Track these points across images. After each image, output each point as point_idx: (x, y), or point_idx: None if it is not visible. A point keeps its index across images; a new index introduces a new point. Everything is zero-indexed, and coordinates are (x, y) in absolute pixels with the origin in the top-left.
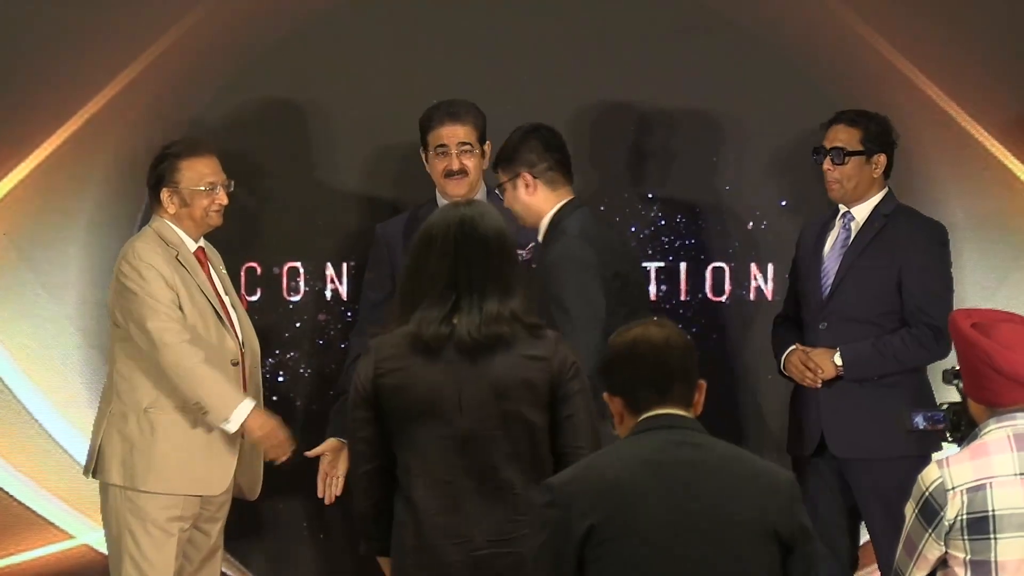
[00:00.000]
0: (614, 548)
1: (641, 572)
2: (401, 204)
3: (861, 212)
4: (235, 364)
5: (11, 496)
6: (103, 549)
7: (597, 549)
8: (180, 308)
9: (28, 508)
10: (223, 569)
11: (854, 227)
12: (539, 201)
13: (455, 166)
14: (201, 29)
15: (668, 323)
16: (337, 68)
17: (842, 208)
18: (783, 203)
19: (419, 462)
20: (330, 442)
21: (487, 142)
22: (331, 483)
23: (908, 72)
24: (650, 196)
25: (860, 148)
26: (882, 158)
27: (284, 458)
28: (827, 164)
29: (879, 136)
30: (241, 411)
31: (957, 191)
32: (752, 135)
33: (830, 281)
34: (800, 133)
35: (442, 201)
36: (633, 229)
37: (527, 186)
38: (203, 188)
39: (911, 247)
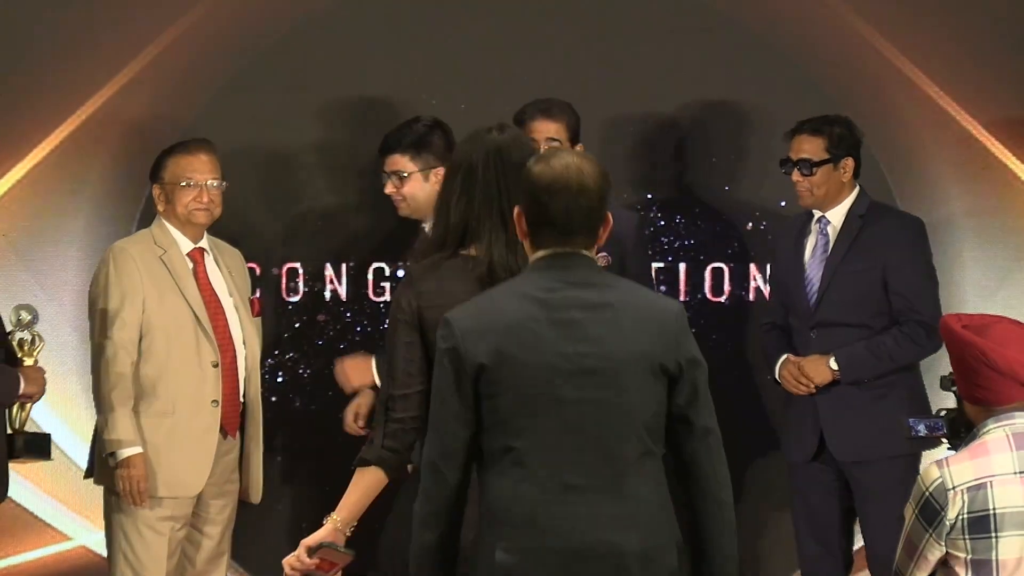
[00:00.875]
0: (504, 386)
1: (529, 409)
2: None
3: (836, 215)
4: (215, 366)
5: (9, 497)
6: (100, 550)
7: (490, 386)
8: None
9: (26, 510)
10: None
11: (831, 231)
12: None
13: None
14: (200, 28)
15: (589, 160)
16: (338, 67)
17: (816, 213)
18: (782, 204)
19: None
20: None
21: (579, 144)
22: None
23: (908, 71)
24: (649, 197)
25: (826, 156)
26: (849, 162)
27: (138, 505)
28: (796, 175)
29: (842, 140)
30: (125, 451)
31: (958, 190)
32: (751, 135)
33: (815, 288)
34: None
35: None
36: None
37: (438, 182)
38: (183, 184)
39: (891, 245)
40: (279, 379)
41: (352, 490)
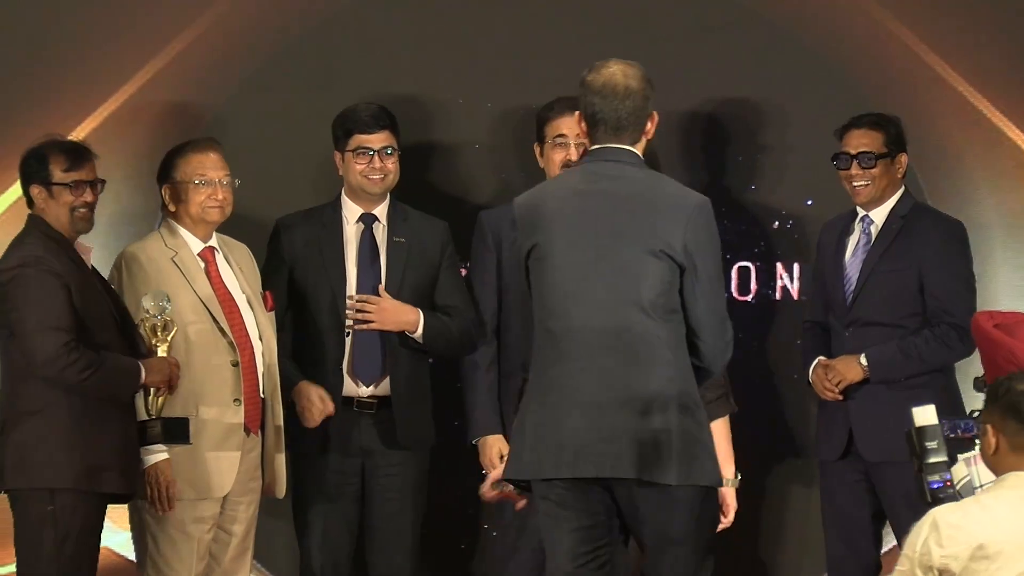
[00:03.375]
0: (541, 263)
1: (558, 287)
2: (421, 201)
3: (879, 215)
4: (235, 365)
5: None
6: (123, 552)
7: (534, 264)
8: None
9: None
10: None
11: (874, 230)
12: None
13: (573, 157)
14: (224, 24)
15: (634, 66)
16: (362, 64)
17: (860, 212)
18: (808, 202)
19: None
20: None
21: None
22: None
23: (939, 68)
24: None
25: (885, 150)
26: (904, 158)
27: (166, 512)
28: (855, 169)
29: (898, 137)
30: (152, 457)
31: (989, 189)
32: (778, 134)
33: (852, 287)
34: (827, 132)
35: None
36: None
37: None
38: (196, 182)
39: (930, 247)
40: None
41: None
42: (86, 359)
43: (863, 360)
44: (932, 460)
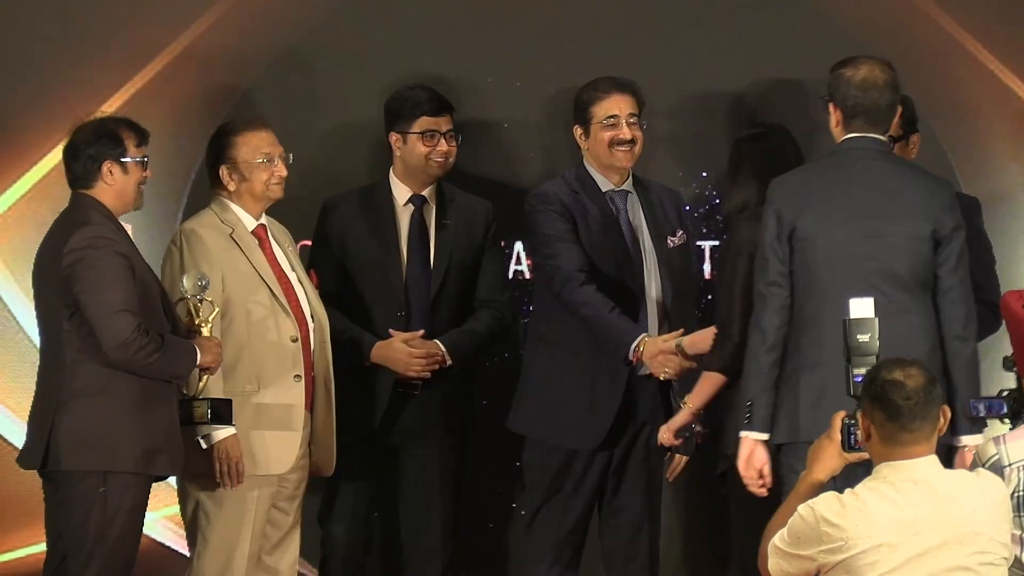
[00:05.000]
0: (804, 243)
1: (821, 261)
2: (451, 179)
3: None
4: (294, 340)
5: None
6: (155, 535)
7: (799, 242)
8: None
9: None
10: None
11: None
12: None
13: (628, 135)
14: (250, 3)
15: (884, 63)
16: (392, 44)
17: None
18: None
19: None
20: None
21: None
22: None
23: (970, 46)
24: (704, 175)
25: (900, 132)
26: (916, 138)
27: (234, 486)
28: None
29: (910, 118)
30: (220, 432)
31: (1018, 166)
32: (810, 112)
33: None
34: None
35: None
36: (688, 208)
37: None
38: (260, 160)
39: None
40: None
41: (703, 385)
42: (155, 342)
43: None
44: (861, 354)
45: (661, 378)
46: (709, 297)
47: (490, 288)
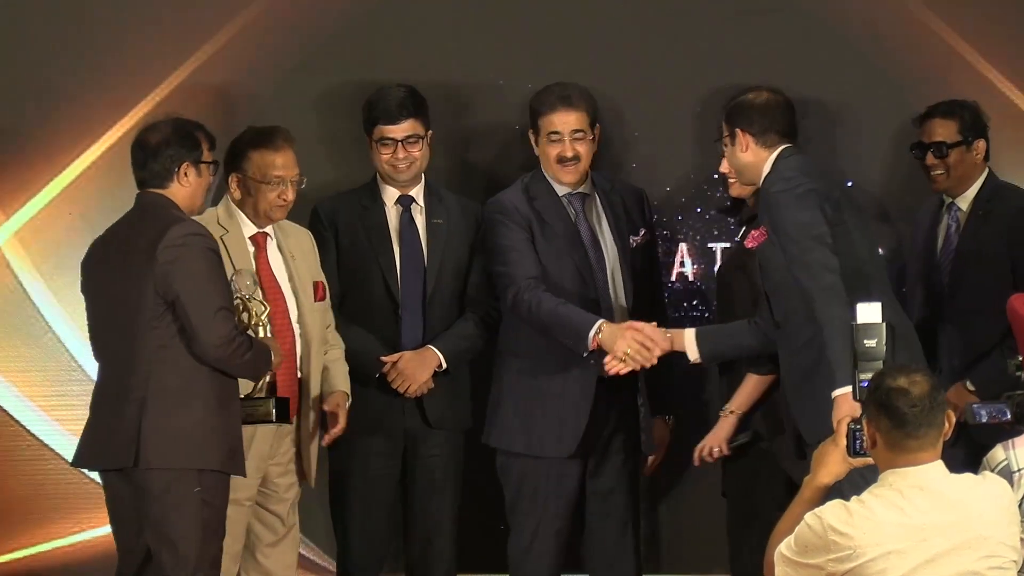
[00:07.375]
0: (840, 228)
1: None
2: (462, 183)
3: (964, 201)
4: None
5: (84, 473)
6: None
7: (835, 230)
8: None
9: (99, 485)
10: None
11: (961, 217)
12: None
13: (568, 153)
14: (273, 10)
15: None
16: (407, 50)
17: (946, 199)
18: (848, 184)
19: None
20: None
21: (597, 126)
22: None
23: (971, 59)
24: (716, 177)
25: (959, 138)
26: (981, 143)
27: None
28: (930, 159)
29: (974, 123)
30: None
31: (1019, 175)
32: (815, 119)
33: (946, 278)
34: (863, 117)
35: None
36: (699, 210)
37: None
38: (269, 182)
39: (1014, 229)
40: None
41: (745, 388)
42: (248, 341)
43: (968, 385)
44: (869, 359)
45: (621, 360)
46: (695, 302)
47: (480, 289)
